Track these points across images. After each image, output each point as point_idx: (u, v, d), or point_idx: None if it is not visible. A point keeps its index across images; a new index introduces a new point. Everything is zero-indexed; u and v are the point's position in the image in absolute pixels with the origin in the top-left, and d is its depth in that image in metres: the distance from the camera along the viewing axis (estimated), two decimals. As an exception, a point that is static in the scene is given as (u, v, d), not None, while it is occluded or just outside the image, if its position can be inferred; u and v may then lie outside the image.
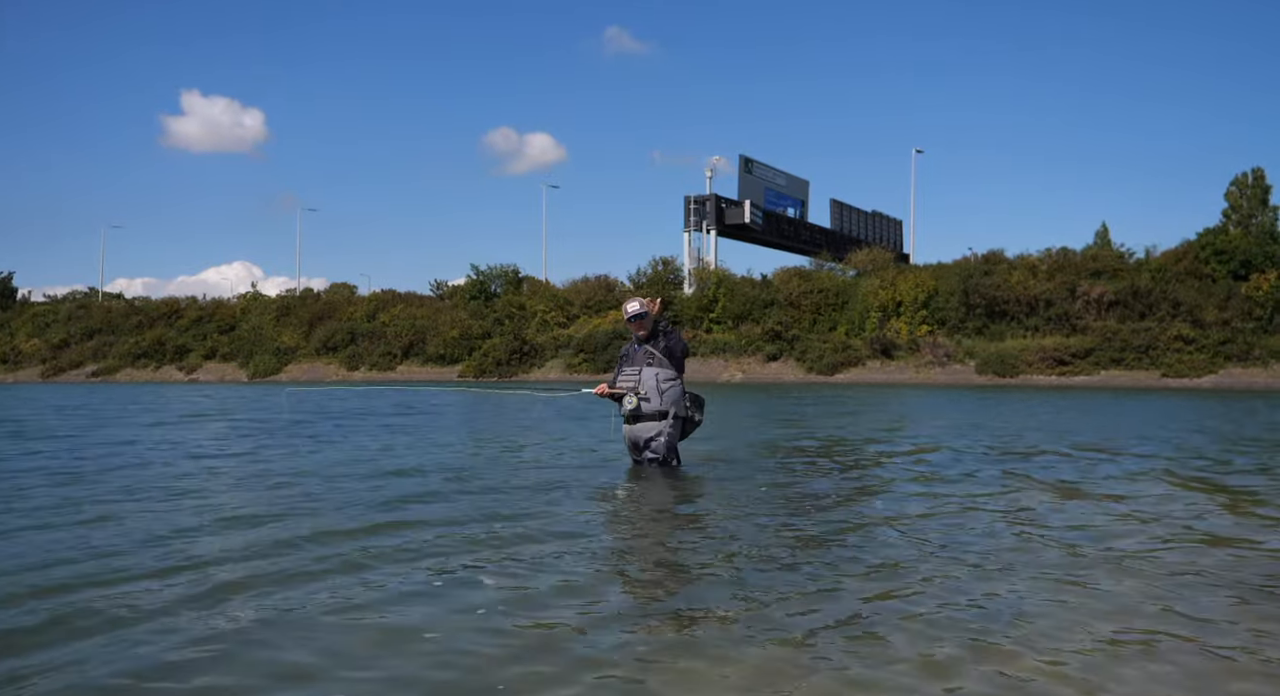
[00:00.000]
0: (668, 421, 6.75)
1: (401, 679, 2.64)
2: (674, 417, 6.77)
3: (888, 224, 65.01)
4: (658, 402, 6.71)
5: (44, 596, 3.41)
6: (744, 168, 52.52)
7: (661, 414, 6.73)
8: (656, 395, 6.69)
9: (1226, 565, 4.01)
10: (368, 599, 3.41)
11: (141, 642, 2.92)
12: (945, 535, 4.62)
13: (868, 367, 40.60)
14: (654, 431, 6.75)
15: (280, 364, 51.68)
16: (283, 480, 6.67)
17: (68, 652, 2.82)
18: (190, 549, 4.24)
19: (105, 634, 2.99)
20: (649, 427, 6.76)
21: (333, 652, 2.85)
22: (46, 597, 3.39)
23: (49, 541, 4.40)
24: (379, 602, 3.37)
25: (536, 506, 5.41)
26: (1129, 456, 8.46)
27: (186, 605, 3.31)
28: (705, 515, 5.25)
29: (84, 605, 3.29)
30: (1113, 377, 36.03)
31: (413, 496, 5.80)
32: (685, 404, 6.85)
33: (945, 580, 3.71)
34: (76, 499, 5.70)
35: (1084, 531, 4.75)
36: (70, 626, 3.06)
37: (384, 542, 4.38)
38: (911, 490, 6.27)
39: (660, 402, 6.70)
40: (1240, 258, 38.74)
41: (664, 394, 6.70)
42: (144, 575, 3.73)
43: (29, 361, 57.52)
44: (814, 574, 3.82)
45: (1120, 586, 3.63)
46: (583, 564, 4.01)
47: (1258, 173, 42.56)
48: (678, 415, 6.79)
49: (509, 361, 46.24)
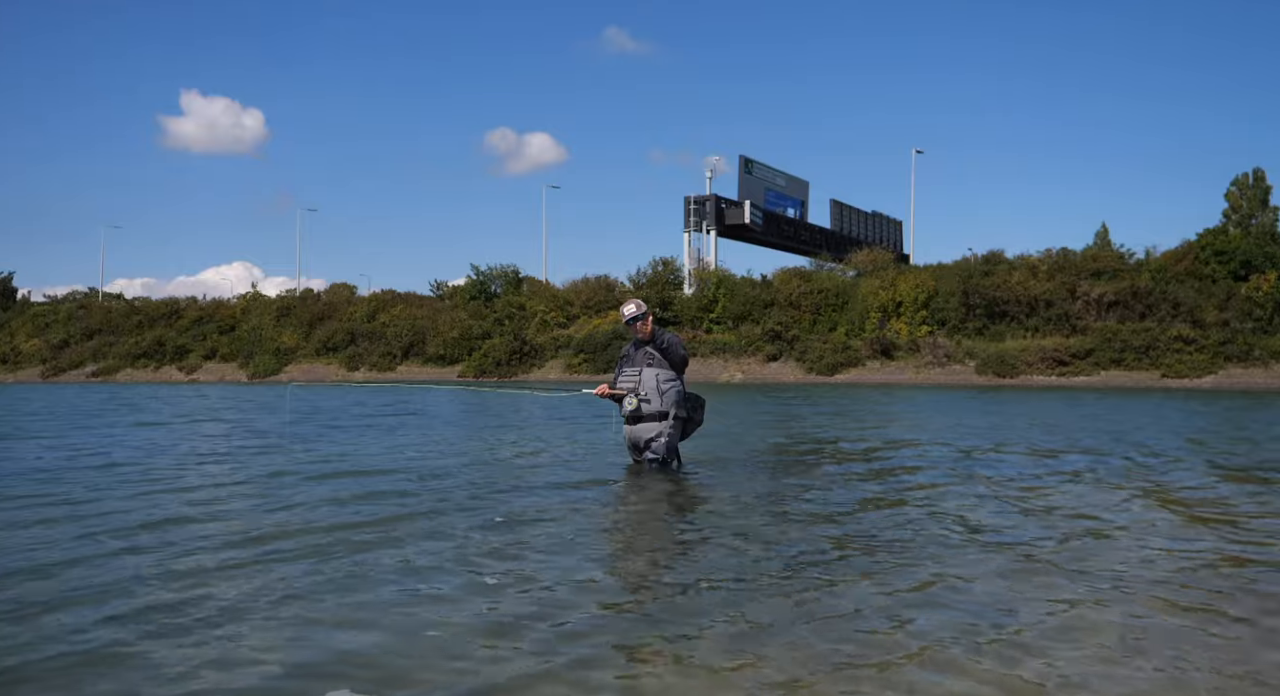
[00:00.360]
0: (668, 422, 6.78)
1: (393, 679, 2.65)
2: (674, 418, 6.80)
3: (888, 224, 65.00)
4: (658, 403, 6.74)
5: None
6: (744, 168, 52.53)
7: (662, 414, 6.76)
8: (657, 396, 6.73)
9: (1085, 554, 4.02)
10: (367, 599, 3.42)
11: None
12: (945, 534, 4.63)
13: (868, 368, 40.59)
14: (654, 432, 6.78)
15: (280, 364, 51.66)
16: (267, 478, 6.68)
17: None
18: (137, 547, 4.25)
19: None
20: (649, 428, 6.79)
21: (340, 652, 2.86)
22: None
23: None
24: (375, 603, 3.38)
25: (532, 506, 5.42)
26: (1078, 454, 8.47)
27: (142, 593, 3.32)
28: (704, 516, 5.26)
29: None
30: (1112, 378, 36.02)
31: (406, 494, 5.81)
32: (685, 404, 6.88)
33: (944, 580, 3.72)
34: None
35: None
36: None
37: (380, 544, 4.38)
38: (912, 488, 6.28)
39: (660, 403, 6.74)
40: (1240, 258, 38.73)
41: (664, 395, 6.73)
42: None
43: (29, 361, 57.51)
44: (813, 574, 3.83)
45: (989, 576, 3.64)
46: (580, 563, 4.02)
47: (1258, 173, 42.59)
48: (678, 416, 6.82)
49: (509, 361, 46.24)
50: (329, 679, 2.65)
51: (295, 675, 2.68)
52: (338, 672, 2.70)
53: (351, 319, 53.07)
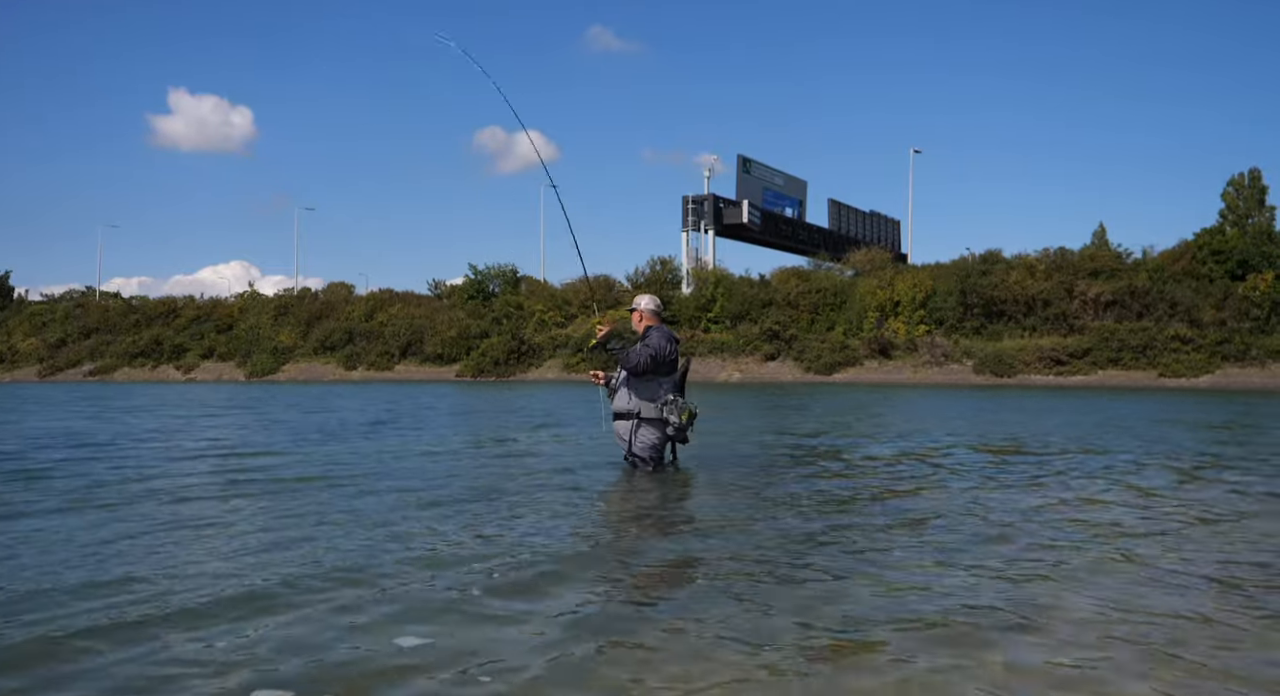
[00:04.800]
0: (635, 422, 6.72)
1: (387, 678, 2.65)
2: (642, 419, 6.70)
3: (885, 224, 65.08)
4: (625, 401, 6.74)
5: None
6: (742, 167, 52.59)
7: (629, 413, 6.73)
8: (626, 392, 6.72)
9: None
10: (365, 606, 3.42)
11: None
12: (946, 533, 4.63)
13: (865, 367, 40.62)
14: (625, 430, 6.78)
15: (278, 363, 51.66)
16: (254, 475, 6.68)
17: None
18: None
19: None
20: (622, 426, 6.81)
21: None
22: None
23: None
24: (375, 602, 3.37)
25: (525, 504, 5.41)
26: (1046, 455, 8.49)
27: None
28: (700, 515, 5.26)
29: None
30: (1110, 377, 36.07)
31: (401, 492, 5.81)
32: (665, 407, 6.66)
33: (946, 581, 3.72)
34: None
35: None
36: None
37: (374, 541, 4.38)
38: (909, 490, 6.28)
39: (628, 401, 6.72)
40: (1237, 258, 38.80)
41: (633, 394, 6.70)
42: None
43: (26, 360, 57.49)
44: (811, 577, 3.83)
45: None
46: (574, 563, 4.01)
47: (1254, 173, 42.64)
48: (645, 416, 6.69)
49: (507, 361, 46.25)
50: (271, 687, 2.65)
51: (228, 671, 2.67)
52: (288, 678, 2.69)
53: (349, 318, 53.08)
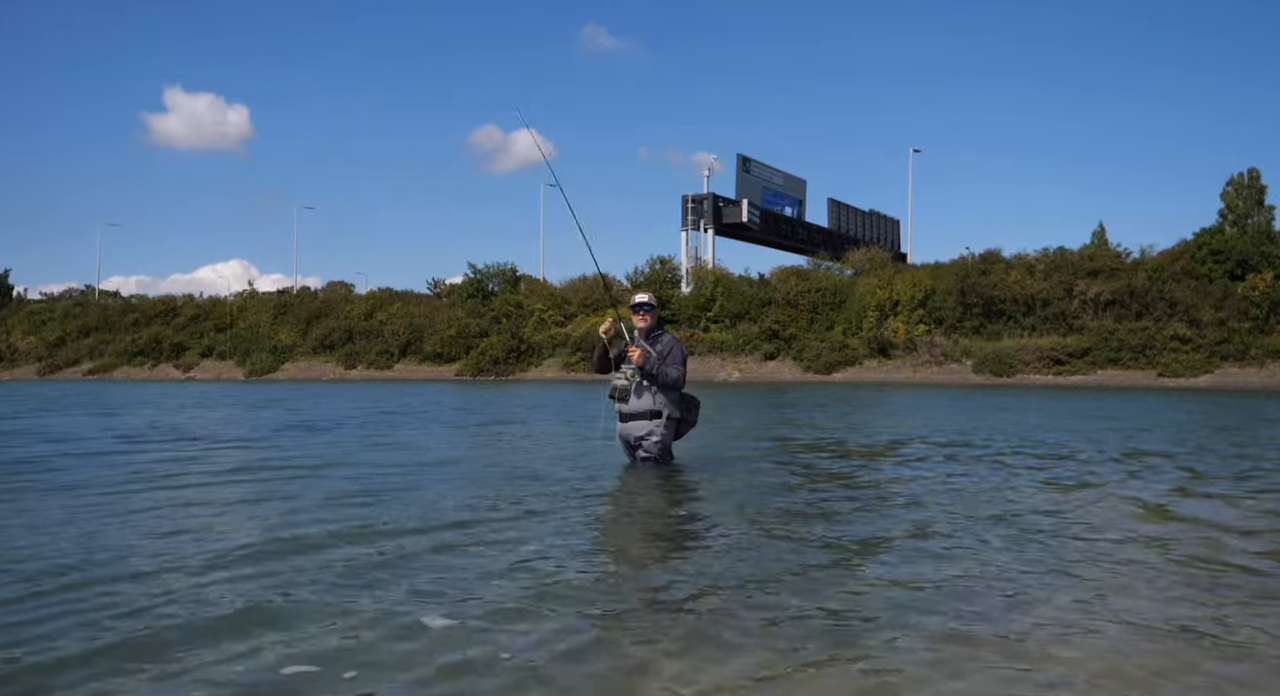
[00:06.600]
0: (660, 421, 6.66)
1: (382, 683, 2.65)
2: (667, 418, 6.68)
3: (885, 223, 65.06)
4: (650, 401, 6.63)
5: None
6: (742, 167, 52.57)
7: (654, 413, 6.65)
8: (649, 393, 6.62)
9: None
10: (359, 601, 3.42)
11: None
12: (946, 536, 4.63)
13: (865, 367, 40.62)
14: (645, 430, 6.67)
15: (277, 362, 51.61)
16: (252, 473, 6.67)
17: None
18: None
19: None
20: (640, 426, 6.69)
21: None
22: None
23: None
24: (372, 600, 3.37)
25: (521, 504, 5.41)
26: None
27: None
28: (699, 515, 5.26)
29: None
30: (1109, 377, 36.06)
31: (393, 489, 5.81)
32: (679, 405, 6.73)
33: (945, 581, 3.72)
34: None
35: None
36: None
37: (367, 541, 4.38)
38: (910, 489, 6.28)
39: (653, 402, 6.63)
40: (1236, 257, 38.81)
41: (656, 393, 6.62)
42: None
43: (25, 359, 57.44)
44: (807, 575, 3.83)
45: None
46: (573, 564, 4.01)
47: (1253, 173, 42.65)
48: (670, 416, 6.70)
49: (506, 360, 46.23)
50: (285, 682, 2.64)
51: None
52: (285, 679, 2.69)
53: (349, 317, 53.04)
